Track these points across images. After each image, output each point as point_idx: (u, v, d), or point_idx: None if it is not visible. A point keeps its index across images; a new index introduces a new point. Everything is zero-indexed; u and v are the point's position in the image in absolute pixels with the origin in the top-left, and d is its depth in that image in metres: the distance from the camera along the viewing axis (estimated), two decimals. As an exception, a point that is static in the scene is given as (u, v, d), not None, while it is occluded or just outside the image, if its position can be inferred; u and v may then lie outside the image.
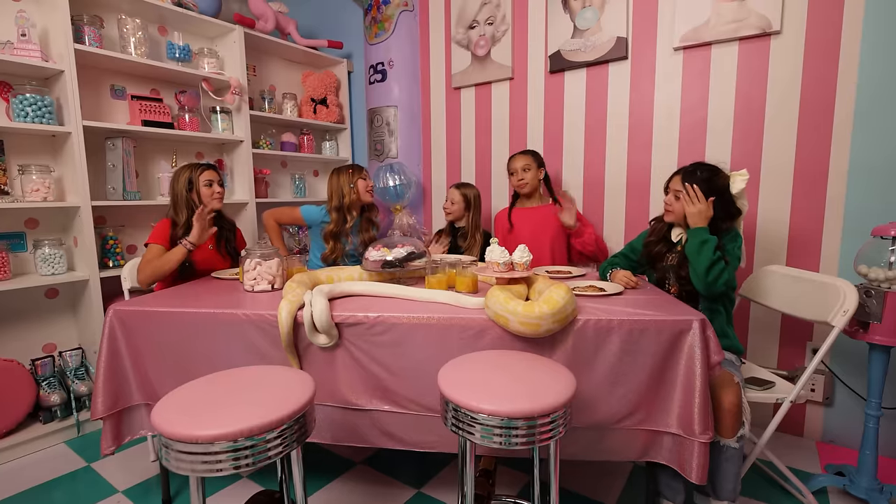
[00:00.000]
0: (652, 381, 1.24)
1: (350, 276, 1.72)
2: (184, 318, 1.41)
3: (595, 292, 1.51)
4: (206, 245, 1.98)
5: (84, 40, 2.05)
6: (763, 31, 1.88)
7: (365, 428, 1.38)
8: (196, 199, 1.91)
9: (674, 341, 1.22)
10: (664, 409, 1.25)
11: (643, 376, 1.24)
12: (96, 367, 1.43)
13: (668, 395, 1.24)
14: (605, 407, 1.26)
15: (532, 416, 0.93)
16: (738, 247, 1.51)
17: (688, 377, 1.21)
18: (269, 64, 3.00)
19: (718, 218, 1.52)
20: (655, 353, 1.23)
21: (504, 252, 1.46)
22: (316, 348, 1.36)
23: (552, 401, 0.94)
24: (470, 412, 0.96)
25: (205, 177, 1.94)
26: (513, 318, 1.20)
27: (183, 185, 1.91)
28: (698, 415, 1.18)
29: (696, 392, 1.18)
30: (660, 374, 1.24)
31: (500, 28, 2.55)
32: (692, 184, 1.53)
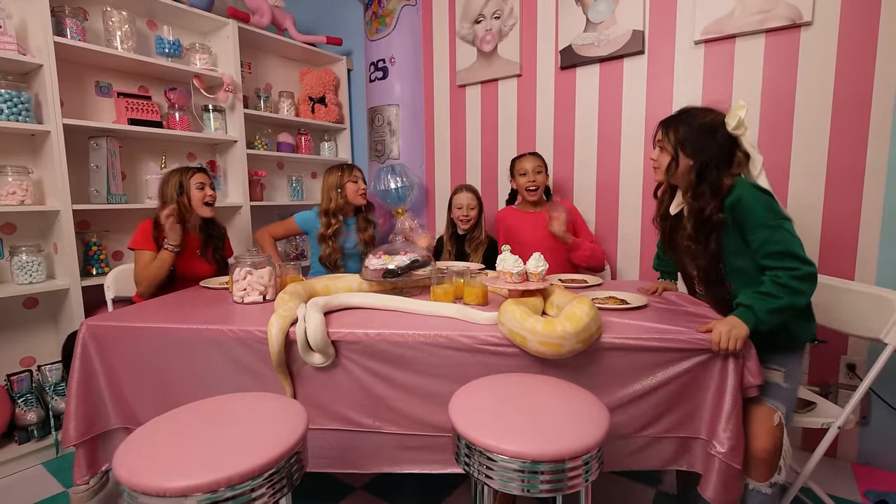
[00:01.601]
0: (681, 396, 1.11)
1: (348, 285, 1.58)
2: (165, 335, 1.27)
3: (617, 305, 1.37)
4: (192, 250, 1.87)
5: (65, 33, 1.92)
6: (792, 23, 1.75)
7: (367, 452, 1.24)
8: (187, 202, 1.83)
9: (709, 360, 1.09)
10: (694, 417, 1.12)
11: (671, 396, 1.11)
12: (68, 388, 1.30)
13: (698, 407, 1.12)
14: (630, 419, 1.13)
15: (561, 459, 0.79)
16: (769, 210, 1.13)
17: (719, 392, 1.09)
18: (265, 61, 2.88)
19: (713, 173, 1.18)
20: (687, 373, 1.10)
21: (518, 261, 1.32)
22: (311, 369, 1.22)
23: (584, 439, 0.81)
24: (487, 452, 0.83)
25: (196, 180, 1.85)
26: (531, 338, 1.07)
27: (173, 188, 1.82)
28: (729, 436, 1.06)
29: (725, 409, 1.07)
30: (691, 392, 1.11)
31: (507, 22, 2.42)
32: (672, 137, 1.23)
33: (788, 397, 1.19)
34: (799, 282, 1.10)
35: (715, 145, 1.20)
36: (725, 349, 1.04)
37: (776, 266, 1.12)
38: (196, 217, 1.88)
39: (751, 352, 1.09)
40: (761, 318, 1.09)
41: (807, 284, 1.11)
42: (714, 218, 1.18)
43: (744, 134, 1.21)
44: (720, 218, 1.18)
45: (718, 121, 1.23)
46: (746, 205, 1.14)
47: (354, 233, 2.16)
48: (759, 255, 1.15)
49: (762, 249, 1.14)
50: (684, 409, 1.11)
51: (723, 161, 1.20)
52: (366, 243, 2.16)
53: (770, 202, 1.15)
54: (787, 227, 1.13)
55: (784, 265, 1.11)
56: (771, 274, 1.13)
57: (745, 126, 1.21)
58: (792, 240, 1.12)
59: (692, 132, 1.23)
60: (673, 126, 1.27)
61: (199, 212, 1.86)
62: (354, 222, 2.18)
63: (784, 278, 1.10)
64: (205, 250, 1.92)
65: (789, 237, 1.12)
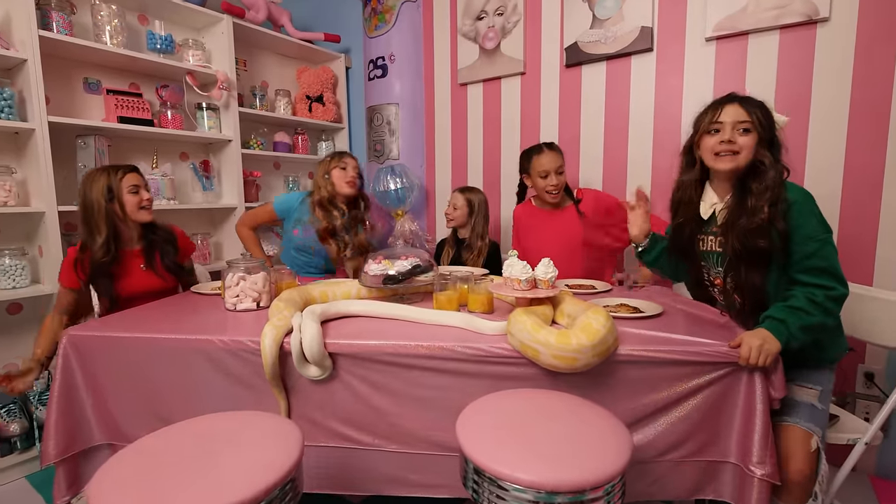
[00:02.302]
0: (705, 415, 1.04)
1: (347, 292, 1.51)
2: (152, 345, 1.19)
3: (630, 313, 1.30)
4: (134, 267, 1.61)
5: (51, 27, 1.84)
6: (809, 18, 1.69)
7: (366, 472, 1.17)
8: (119, 210, 1.54)
9: (733, 374, 1.02)
10: (720, 437, 1.05)
11: (695, 414, 1.04)
12: (48, 401, 1.22)
13: (725, 427, 1.05)
14: (650, 441, 1.06)
15: (581, 489, 0.72)
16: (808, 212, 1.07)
17: (748, 408, 1.02)
18: (261, 58, 2.80)
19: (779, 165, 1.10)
20: (712, 389, 1.03)
21: (526, 267, 1.25)
22: (308, 381, 1.15)
23: (606, 467, 0.74)
24: (498, 479, 0.75)
25: (128, 182, 1.55)
26: (545, 351, 0.99)
27: (100, 193, 1.51)
28: (758, 446, 0.99)
29: (757, 425, 1.00)
30: (715, 406, 1.04)
31: (510, 19, 2.35)
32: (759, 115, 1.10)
33: (823, 418, 1.13)
34: (833, 303, 1.05)
35: (777, 137, 1.12)
36: (755, 364, 0.97)
37: (814, 283, 1.06)
38: (132, 227, 1.60)
39: (777, 365, 1.02)
40: (794, 333, 1.02)
41: (839, 306, 1.07)
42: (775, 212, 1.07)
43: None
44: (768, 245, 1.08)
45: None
46: (800, 211, 1.07)
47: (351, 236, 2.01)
48: (798, 268, 1.08)
49: (805, 263, 1.07)
50: (710, 430, 1.04)
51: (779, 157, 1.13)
52: (353, 249, 1.97)
53: (820, 212, 1.09)
54: (832, 241, 1.07)
55: (822, 283, 1.05)
56: (806, 290, 1.06)
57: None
58: (835, 256, 1.06)
59: (768, 113, 1.13)
60: (755, 103, 1.12)
61: (136, 217, 1.57)
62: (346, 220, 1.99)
63: (820, 297, 1.04)
64: (150, 262, 1.64)
65: (834, 254, 1.07)
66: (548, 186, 1.83)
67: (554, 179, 1.82)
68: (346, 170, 1.94)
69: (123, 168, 1.58)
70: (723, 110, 1.14)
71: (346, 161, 1.95)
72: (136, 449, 0.83)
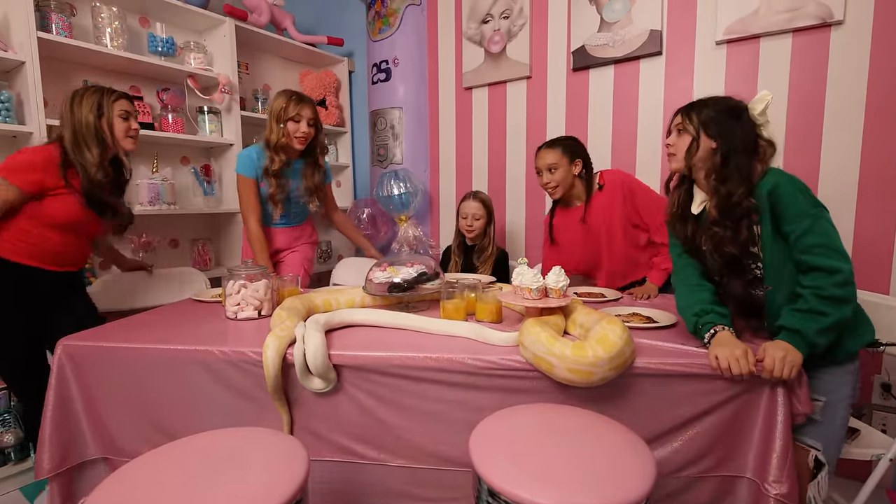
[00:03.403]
0: (724, 430, 1.01)
1: (350, 300, 1.47)
2: (150, 356, 1.16)
3: (643, 323, 1.27)
4: (73, 197, 1.44)
5: (51, 28, 1.81)
6: (822, 21, 1.66)
7: (372, 487, 1.13)
8: (107, 130, 1.45)
9: (756, 387, 0.98)
10: (739, 452, 1.02)
11: (714, 429, 1.01)
12: (42, 413, 1.18)
13: (744, 441, 1.01)
14: (667, 456, 1.02)
15: (604, 515, 0.68)
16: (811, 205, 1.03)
17: (768, 425, 0.99)
18: (264, 61, 2.77)
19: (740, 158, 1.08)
20: (731, 403, 0.99)
21: (537, 276, 1.22)
22: (311, 393, 1.11)
23: (631, 492, 0.70)
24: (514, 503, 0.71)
25: (119, 107, 1.48)
26: (559, 364, 0.96)
27: (90, 109, 1.43)
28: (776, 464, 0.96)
29: (777, 443, 0.97)
30: (735, 421, 1.01)
31: (516, 22, 2.33)
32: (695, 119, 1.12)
33: (827, 432, 1.06)
34: (842, 289, 0.99)
35: (740, 129, 1.09)
36: (779, 377, 0.93)
37: (817, 266, 1.00)
38: (110, 153, 1.50)
39: (802, 378, 0.98)
40: (813, 340, 0.98)
41: (850, 289, 1.00)
42: (744, 203, 1.07)
43: (765, 124, 1.12)
44: (751, 203, 1.07)
45: (743, 106, 1.13)
46: (785, 191, 1.04)
47: (300, 178, 1.87)
48: (798, 248, 1.03)
49: (802, 241, 1.02)
50: (728, 445, 1.00)
51: (750, 147, 1.10)
52: (310, 192, 1.87)
53: (808, 189, 1.06)
54: (827, 217, 1.03)
55: (825, 264, 0.99)
56: (812, 282, 1.01)
57: (768, 118, 1.12)
58: (833, 232, 1.02)
59: (717, 114, 1.12)
60: (696, 109, 1.15)
61: (122, 144, 1.49)
62: (301, 166, 1.87)
63: (828, 289, 0.98)
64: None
65: (831, 228, 1.02)
66: (542, 184, 1.76)
67: (545, 177, 1.73)
68: (299, 123, 1.75)
69: (117, 93, 1.50)
70: (673, 120, 1.20)
71: (302, 113, 1.75)
72: (134, 467, 0.79)
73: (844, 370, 1.10)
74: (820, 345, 0.99)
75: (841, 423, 1.09)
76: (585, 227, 1.75)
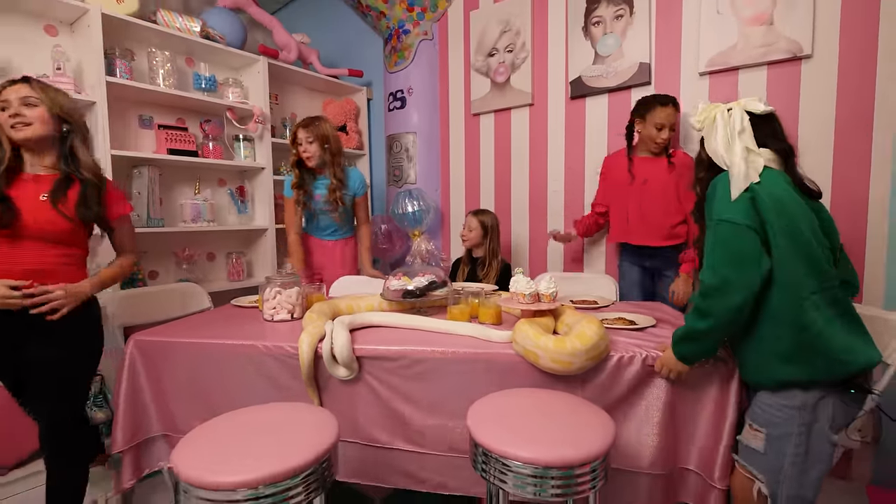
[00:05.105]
0: (680, 421, 1.18)
1: (370, 304, 1.69)
2: (203, 349, 1.39)
3: (625, 325, 1.45)
4: (32, 193, 1.31)
5: (115, 72, 2.12)
6: (793, 55, 1.85)
7: (385, 467, 1.32)
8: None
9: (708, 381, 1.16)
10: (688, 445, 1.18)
11: (674, 417, 1.18)
12: (114, 397, 1.41)
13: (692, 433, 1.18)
14: (634, 448, 1.19)
15: (571, 465, 0.87)
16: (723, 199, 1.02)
17: (716, 422, 1.15)
18: (291, 92, 3.07)
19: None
20: (689, 395, 1.17)
21: (530, 283, 1.41)
22: (336, 382, 1.32)
23: (592, 448, 0.88)
24: (502, 458, 0.91)
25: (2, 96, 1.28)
26: (543, 355, 1.15)
27: None
28: (720, 462, 1.12)
29: (722, 442, 1.13)
30: (692, 414, 1.18)
31: (519, 55, 2.56)
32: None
33: (772, 467, 1.01)
34: (700, 298, 1.00)
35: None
36: (660, 374, 1.12)
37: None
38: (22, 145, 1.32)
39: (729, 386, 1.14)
40: (676, 345, 1.06)
41: (710, 301, 0.98)
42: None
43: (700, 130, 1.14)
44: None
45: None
46: (710, 194, 1.07)
47: (324, 189, 2.16)
48: None
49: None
50: (682, 431, 1.17)
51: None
52: (328, 203, 2.14)
53: (725, 193, 1.01)
54: (722, 225, 0.99)
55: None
56: None
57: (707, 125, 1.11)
58: (720, 244, 0.99)
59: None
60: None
61: (8, 133, 1.29)
62: (328, 181, 2.15)
63: (698, 296, 1.01)
64: (57, 196, 1.31)
65: (717, 241, 1.00)
66: (658, 138, 1.93)
67: (666, 133, 1.92)
68: (301, 145, 2.10)
69: (10, 80, 1.31)
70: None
71: (299, 135, 2.09)
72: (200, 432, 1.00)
73: (786, 403, 1.00)
74: (682, 353, 1.05)
75: (792, 461, 1.00)
76: (650, 176, 1.99)
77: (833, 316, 0.97)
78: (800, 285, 0.97)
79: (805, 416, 0.99)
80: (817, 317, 0.96)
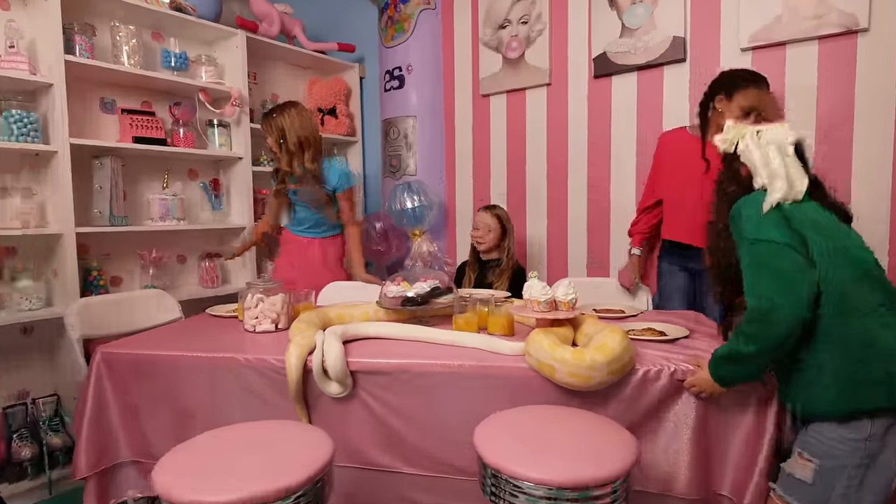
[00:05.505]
0: (712, 443, 1.25)
1: (364, 313, 1.77)
2: (179, 363, 1.47)
3: (654, 336, 1.52)
4: None
5: (75, 50, 2.21)
6: (847, 29, 1.92)
7: (383, 492, 1.40)
8: None
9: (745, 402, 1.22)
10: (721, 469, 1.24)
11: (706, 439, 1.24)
12: (78, 417, 1.50)
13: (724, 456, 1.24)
14: (662, 470, 1.26)
15: (587, 486, 0.94)
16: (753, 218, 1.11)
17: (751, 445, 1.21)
18: (271, 70, 3.16)
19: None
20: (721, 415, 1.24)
21: (546, 288, 1.49)
22: (328, 400, 1.40)
23: (613, 467, 0.96)
24: (512, 479, 0.98)
25: None
26: (560, 368, 1.22)
27: None
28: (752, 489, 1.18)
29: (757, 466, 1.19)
30: (723, 435, 1.24)
31: (535, 27, 2.64)
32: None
33: (818, 499, 1.05)
34: (749, 324, 1.08)
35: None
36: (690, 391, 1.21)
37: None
38: None
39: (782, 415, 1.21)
40: (716, 366, 1.14)
41: (756, 326, 1.06)
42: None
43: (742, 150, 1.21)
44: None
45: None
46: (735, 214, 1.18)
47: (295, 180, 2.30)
48: None
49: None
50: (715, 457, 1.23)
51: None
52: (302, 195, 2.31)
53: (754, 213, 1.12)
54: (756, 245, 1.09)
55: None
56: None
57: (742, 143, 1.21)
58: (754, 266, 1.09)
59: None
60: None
61: None
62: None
63: (743, 320, 1.10)
64: None
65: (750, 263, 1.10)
66: (744, 119, 1.80)
67: (751, 121, 1.80)
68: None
69: None
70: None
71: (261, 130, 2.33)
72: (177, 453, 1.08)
73: (853, 436, 1.04)
74: (721, 374, 1.14)
75: (843, 493, 1.04)
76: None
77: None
78: (860, 302, 1.04)
79: (872, 447, 1.03)
80: (887, 334, 1.02)
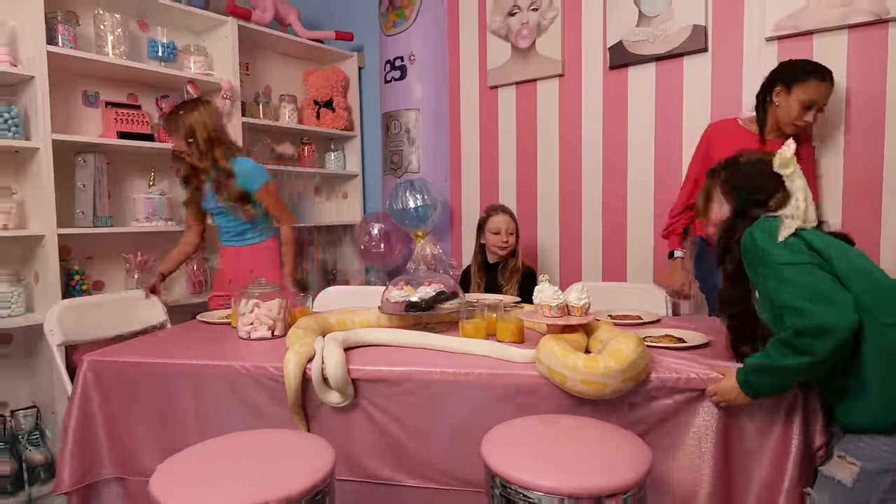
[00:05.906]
0: (735, 454, 1.30)
1: (365, 319, 1.82)
2: (170, 371, 1.53)
3: (672, 343, 1.57)
4: None
5: (57, 41, 2.28)
6: (878, 18, 1.98)
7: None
8: None
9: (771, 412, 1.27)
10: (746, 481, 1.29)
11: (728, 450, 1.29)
12: (64, 429, 1.55)
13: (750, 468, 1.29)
14: (680, 484, 1.30)
15: (599, 495, 0.99)
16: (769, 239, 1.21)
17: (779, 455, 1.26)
18: (265, 60, 3.23)
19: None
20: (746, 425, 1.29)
21: (557, 293, 1.54)
22: (328, 409, 1.45)
23: (626, 476, 1.01)
24: (522, 489, 1.03)
25: None
26: (572, 376, 1.28)
27: None
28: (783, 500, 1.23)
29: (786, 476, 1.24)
30: (748, 447, 1.29)
31: (546, 14, 2.71)
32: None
33: (857, 502, 1.14)
34: (799, 338, 1.13)
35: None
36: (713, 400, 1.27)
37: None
38: None
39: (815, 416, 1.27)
40: (747, 376, 1.21)
41: (809, 341, 1.12)
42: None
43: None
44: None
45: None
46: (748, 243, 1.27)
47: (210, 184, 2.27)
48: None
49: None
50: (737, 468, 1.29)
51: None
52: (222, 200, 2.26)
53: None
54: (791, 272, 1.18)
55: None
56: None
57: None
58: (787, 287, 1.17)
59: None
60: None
61: None
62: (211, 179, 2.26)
63: (787, 334, 1.15)
64: None
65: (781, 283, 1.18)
66: (801, 119, 1.91)
67: (811, 116, 1.91)
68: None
69: None
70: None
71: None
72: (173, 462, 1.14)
73: (888, 440, 1.13)
74: (753, 385, 1.20)
75: (881, 497, 1.12)
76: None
77: None
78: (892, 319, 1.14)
79: None
80: None
